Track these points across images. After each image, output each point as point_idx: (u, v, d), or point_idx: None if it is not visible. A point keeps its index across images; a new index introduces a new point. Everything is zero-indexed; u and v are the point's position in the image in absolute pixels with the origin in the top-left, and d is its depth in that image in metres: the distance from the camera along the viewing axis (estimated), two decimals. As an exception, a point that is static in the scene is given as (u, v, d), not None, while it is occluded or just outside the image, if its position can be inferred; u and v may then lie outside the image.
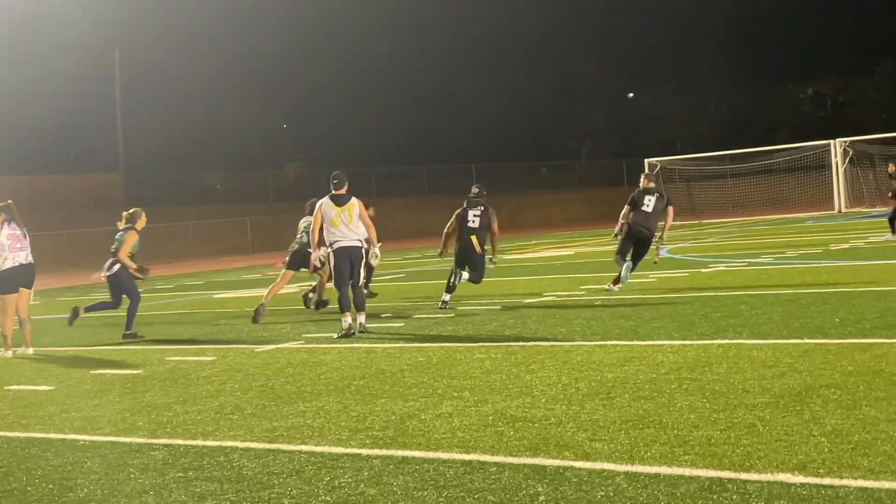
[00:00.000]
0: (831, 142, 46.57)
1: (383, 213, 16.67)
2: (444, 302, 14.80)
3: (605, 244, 32.41)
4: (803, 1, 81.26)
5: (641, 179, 16.67)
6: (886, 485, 4.84)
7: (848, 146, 46.41)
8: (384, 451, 6.23)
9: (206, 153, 66.92)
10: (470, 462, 5.84)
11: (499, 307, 14.32)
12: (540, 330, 11.50)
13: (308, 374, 9.53)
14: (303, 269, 15.70)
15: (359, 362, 10.03)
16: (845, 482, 4.93)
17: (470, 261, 15.08)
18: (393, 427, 6.88)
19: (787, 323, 10.48)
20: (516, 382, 8.20)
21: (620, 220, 16.00)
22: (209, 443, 6.85)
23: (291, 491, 5.55)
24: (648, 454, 5.70)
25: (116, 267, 14.02)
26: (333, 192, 12.70)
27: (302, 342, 12.05)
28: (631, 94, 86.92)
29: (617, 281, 15.40)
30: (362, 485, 5.55)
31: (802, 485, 4.95)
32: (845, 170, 45.71)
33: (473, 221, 15.20)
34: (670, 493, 4.98)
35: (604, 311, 12.92)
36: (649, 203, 15.82)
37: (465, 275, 15.11)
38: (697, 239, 30.80)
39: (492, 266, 15.29)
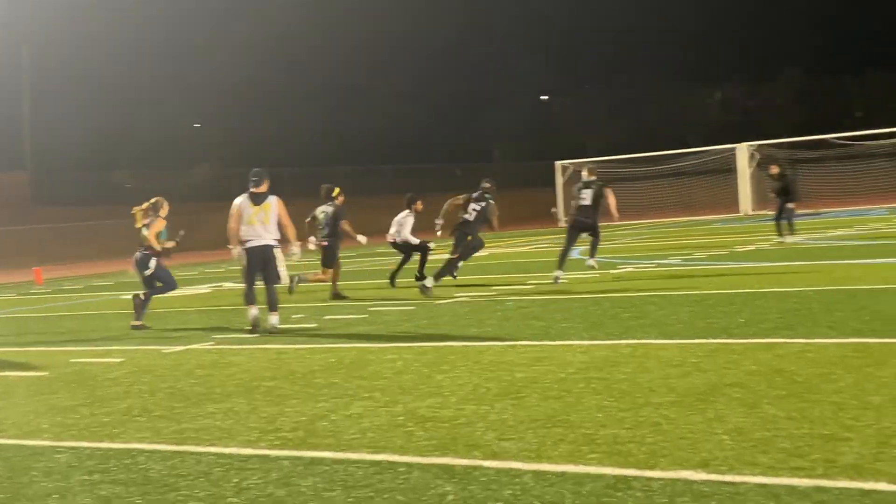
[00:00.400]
0: (738, 146, 47.48)
1: (298, 214, 16.57)
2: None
3: (518, 245, 32.65)
4: (712, 8, 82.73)
5: (584, 172, 17.98)
6: (784, 481, 4.97)
7: (754, 150, 47.37)
8: (293, 452, 6.22)
9: (115, 152, 65.90)
10: (379, 462, 5.86)
11: (412, 308, 14.35)
12: (452, 330, 11.56)
13: (218, 375, 9.46)
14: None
15: (269, 363, 9.98)
16: (745, 478, 5.05)
17: (461, 243, 16.98)
18: (303, 428, 6.87)
19: (694, 323, 10.68)
20: (427, 383, 8.24)
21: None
22: (115, 445, 6.77)
23: (198, 493, 5.51)
24: (556, 453, 5.78)
25: (153, 263, 14.29)
26: (252, 189, 12.64)
27: (212, 343, 11.95)
28: (545, 97, 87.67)
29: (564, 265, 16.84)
30: (270, 486, 5.53)
31: (704, 482, 5.06)
32: (751, 173, 46.65)
33: (471, 214, 16.91)
34: (576, 492, 5.05)
35: (515, 311, 13.02)
36: (586, 196, 17.19)
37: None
38: (608, 240, 31.16)
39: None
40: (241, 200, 12.61)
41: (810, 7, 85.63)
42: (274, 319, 12.56)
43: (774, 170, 23.74)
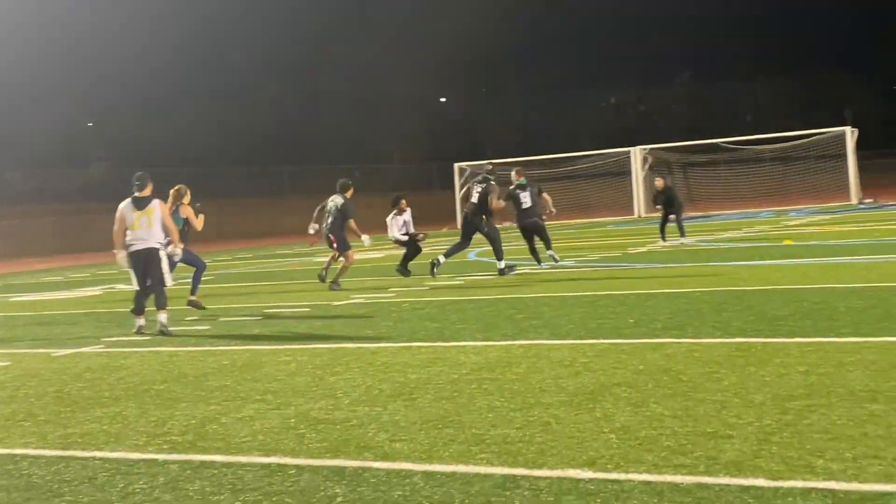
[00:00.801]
0: (632, 149, 48.25)
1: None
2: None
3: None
4: (606, 14, 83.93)
5: (513, 174, 18.98)
6: (668, 478, 5.08)
7: (647, 154, 48.19)
8: (182, 456, 6.15)
9: (6, 151, 64.20)
10: (269, 465, 5.83)
11: (307, 309, 14.28)
12: (347, 332, 11.54)
13: (107, 378, 9.29)
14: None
15: (161, 366, 9.84)
16: (631, 476, 5.15)
17: (474, 229, 17.88)
18: (192, 431, 6.79)
19: (585, 324, 10.83)
20: (320, 385, 8.21)
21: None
22: (-2, 451, 6.61)
23: (83, 498, 5.41)
24: (446, 453, 5.81)
25: (179, 250, 13.95)
26: (136, 194, 12.54)
27: (102, 346, 11.74)
28: (443, 99, 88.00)
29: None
30: (157, 490, 5.47)
31: (591, 480, 5.14)
32: (645, 176, 47.45)
33: (475, 196, 17.94)
34: (465, 491, 5.09)
35: (411, 312, 13.05)
36: (526, 199, 18.29)
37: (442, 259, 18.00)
38: (504, 242, 31.41)
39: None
40: (124, 205, 12.59)
41: (703, 13, 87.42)
42: (163, 317, 12.47)
43: (660, 183, 24.47)
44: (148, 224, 12.45)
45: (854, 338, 8.78)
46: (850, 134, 44.40)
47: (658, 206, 24.39)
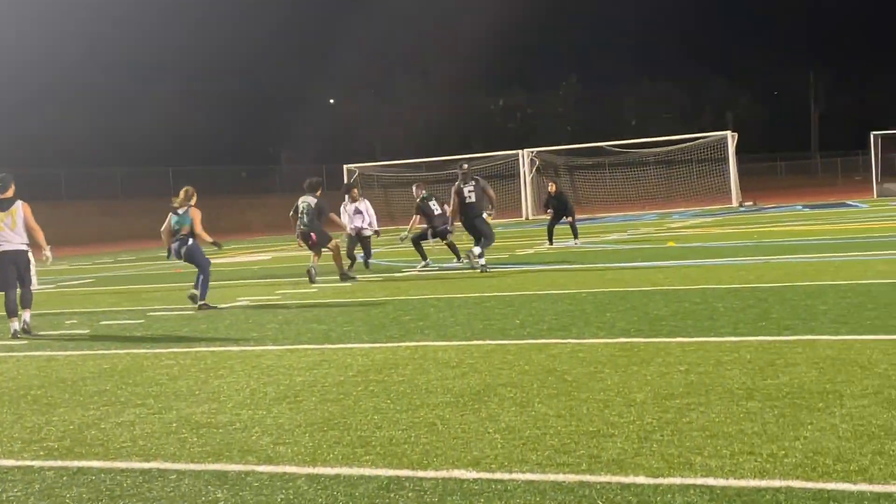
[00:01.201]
0: (520, 152, 48.70)
1: (77, 214, 16.07)
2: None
3: (305, 248, 32.38)
4: (495, 17, 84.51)
5: (414, 189, 19.73)
6: (551, 477, 5.12)
7: (535, 156, 48.68)
8: (59, 463, 5.99)
9: None
10: (149, 470, 5.71)
11: (191, 312, 14.06)
12: (232, 335, 11.39)
13: (-19, 384, 9.00)
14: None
15: (38, 371, 9.58)
16: (514, 476, 5.17)
17: (477, 230, 18.00)
18: (70, 437, 6.62)
19: (472, 325, 10.88)
20: (203, 388, 8.09)
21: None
22: None
23: (-46, 508, 5.23)
24: (331, 456, 5.77)
25: (190, 241, 14.64)
26: None
27: (-24, 351, 11.37)
28: (332, 101, 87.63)
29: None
30: (32, 498, 5.31)
31: (475, 480, 5.16)
32: (532, 179, 47.92)
33: (470, 197, 18.04)
34: (349, 494, 5.06)
35: (298, 315, 12.95)
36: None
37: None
38: (392, 244, 31.38)
39: (491, 216, 18.45)
40: None
41: (589, 18, 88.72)
42: (27, 316, 12.58)
43: (552, 187, 24.87)
44: (12, 225, 12.47)
45: (732, 337, 8.98)
46: (731, 138, 45.50)
47: (549, 210, 24.65)
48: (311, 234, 17.80)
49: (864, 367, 7.26)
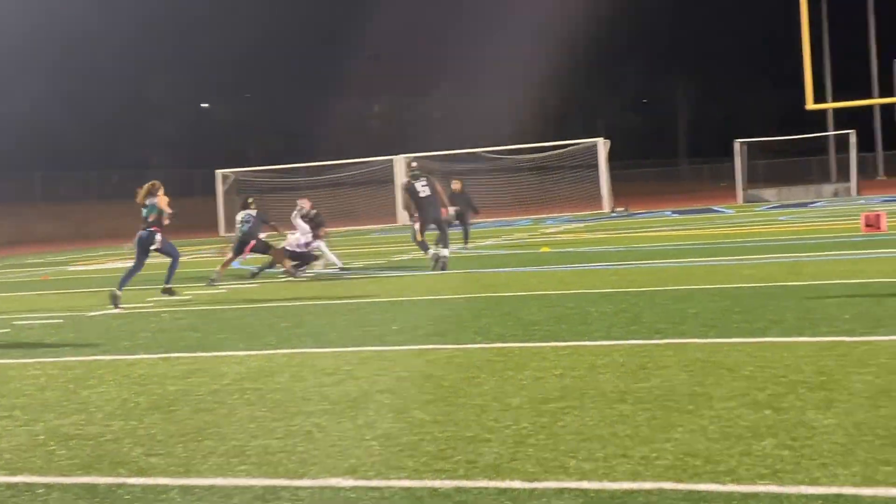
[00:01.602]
0: (395, 158, 48.74)
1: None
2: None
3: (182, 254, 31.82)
4: (368, 23, 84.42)
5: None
6: (428, 483, 5.12)
7: (411, 162, 48.76)
8: (-81, 479, 5.76)
9: None
10: (16, 485, 5.54)
11: (60, 320, 13.69)
12: (102, 343, 11.12)
13: None
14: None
15: None
16: (391, 483, 5.17)
17: (441, 223, 18.51)
18: (-69, 452, 6.38)
19: (349, 331, 10.84)
20: (72, 399, 7.87)
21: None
22: None
23: None
24: (205, 466, 5.68)
25: (159, 237, 15.58)
26: None
27: None
28: (205, 104, 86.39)
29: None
30: None
31: (352, 488, 5.13)
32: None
33: (423, 191, 18.32)
34: (224, 504, 4.99)
35: (171, 323, 12.72)
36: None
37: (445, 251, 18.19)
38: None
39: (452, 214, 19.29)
40: None
41: (461, 24, 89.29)
42: None
43: (457, 186, 25.08)
44: None
45: (605, 341, 9.14)
46: (603, 145, 46.34)
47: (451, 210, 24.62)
48: (251, 242, 18.68)
49: (732, 369, 7.46)
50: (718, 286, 13.06)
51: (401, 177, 47.88)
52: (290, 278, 18.36)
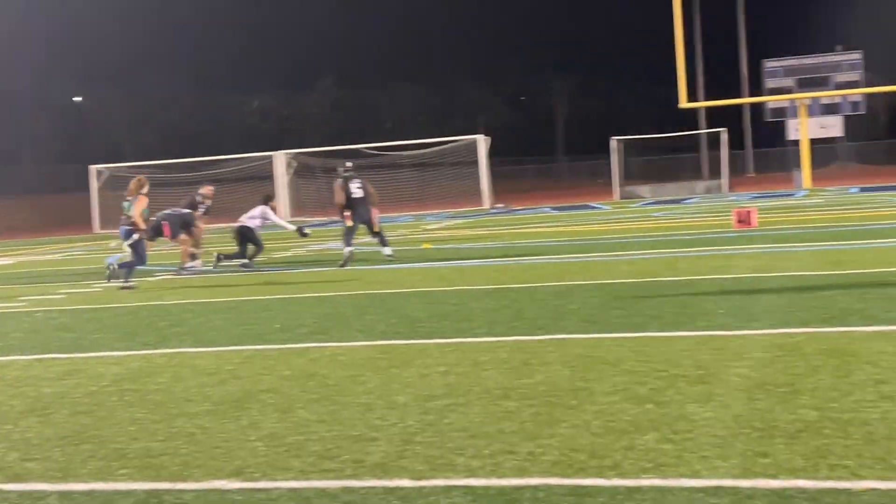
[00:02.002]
0: (275, 153, 48.31)
1: None
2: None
3: (50, 252, 31.07)
4: (249, 16, 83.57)
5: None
6: (315, 483, 5.09)
7: (292, 158, 48.39)
8: None
9: None
10: None
11: (-75, 322, 13.19)
12: (-28, 345, 10.75)
13: None
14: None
15: None
16: (278, 484, 5.11)
17: (368, 222, 18.88)
18: None
19: (229, 330, 10.69)
20: (-58, 403, 7.60)
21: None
22: None
23: None
24: (84, 471, 5.54)
25: (136, 236, 16.07)
26: None
27: None
28: (78, 98, 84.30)
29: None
30: None
31: (238, 490, 5.06)
32: (289, 181, 47.64)
33: (357, 192, 18.66)
34: (105, 510, 4.87)
35: (44, 322, 12.38)
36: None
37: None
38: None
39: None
40: None
41: (344, 19, 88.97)
42: None
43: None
44: None
45: (489, 337, 9.20)
46: (483, 142, 46.66)
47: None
48: (164, 223, 18.71)
49: (613, 364, 7.58)
50: (597, 282, 13.26)
51: (281, 172, 47.51)
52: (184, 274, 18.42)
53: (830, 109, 59.99)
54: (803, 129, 49.79)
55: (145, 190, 16.41)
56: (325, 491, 4.97)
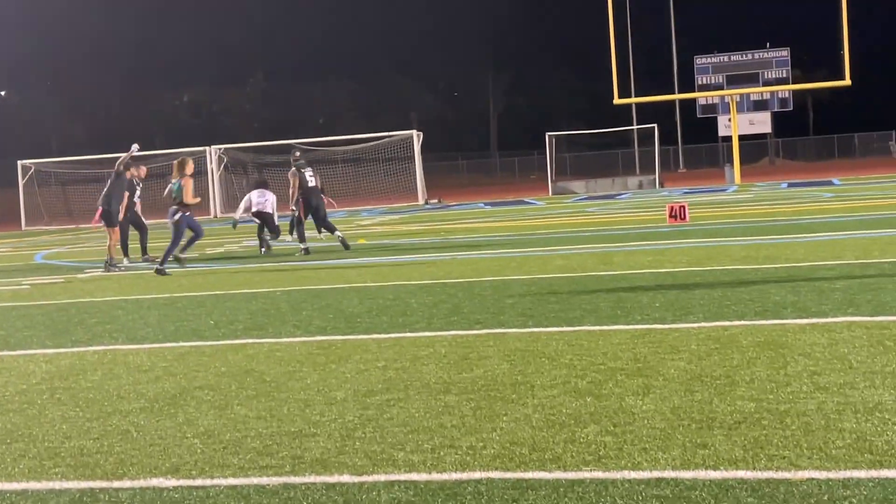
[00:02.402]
0: (206, 148, 47.83)
1: None
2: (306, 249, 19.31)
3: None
4: (182, 10, 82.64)
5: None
6: (254, 480, 5.02)
7: (222, 153, 47.94)
8: None
9: None
10: None
11: None
12: None
13: None
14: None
15: None
16: (217, 481, 5.04)
17: (320, 208, 19.73)
18: None
19: (163, 327, 10.54)
20: None
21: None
22: None
23: None
24: (16, 470, 5.42)
25: (178, 215, 16.70)
26: None
27: None
28: (2, 93, 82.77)
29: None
30: None
31: (175, 488, 4.98)
32: (220, 176, 47.20)
33: (311, 181, 19.59)
34: (39, 510, 4.76)
35: (-30, 320, 12.10)
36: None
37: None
38: (73, 244, 30.09)
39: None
40: None
41: (274, 14, 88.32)
42: None
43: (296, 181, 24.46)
44: None
45: (427, 332, 9.17)
46: (417, 137, 46.62)
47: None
48: (99, 208, 18.66)
49: (552, 357, 7.59)
50: (533, 276, 13.29)
51: (213, 167, 47.05)
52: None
53: (760, 106, 60.98)
54: (734, 126, 50.46)
55: (187, 170, 16.88)
56: (264, 488, 4.91)
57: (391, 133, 49.78)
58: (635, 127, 66.55)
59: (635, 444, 5.23)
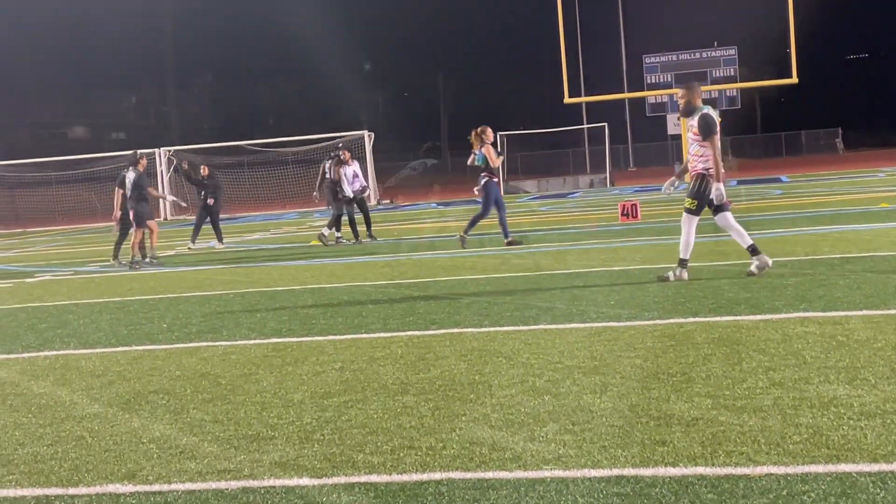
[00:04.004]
0: (156, 150, 47.41)
1: None
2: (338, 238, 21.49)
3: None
4: (126, 11, 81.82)
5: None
6: (213, 485, 4.97)
7: (172, 155, 47.54)
8: None
9: None
10: None
11: None
12: None
13: None
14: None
15: None
16: (174, 487, 4.99)
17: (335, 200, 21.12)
18: None
19: (116, 331, 10.42)
20: None
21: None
22: None
23: None
24: (-32, 479, 5.32)
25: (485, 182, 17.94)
26: None
27: None
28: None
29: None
30: None
31: (132, 494, 4.93)
32: (169, 178, 46.81)
33: (330, 172, 21.43)
34: (-7, 519, 4.68)
35: (-83, 327, 11.89)
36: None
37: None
38: (21, 248, 29.71)
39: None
40: None
41: (221, 14, 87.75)
42: None
43: (206, 171, 24.15)
44: None
45: (383, 333, 9.14)
46: (368, 138, 46.52)
47: (202, 198, 23.65)
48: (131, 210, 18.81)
49: (509, 357, 7.59)
50: (488, 276, 13.30)
51: (163, 171, 46.65)
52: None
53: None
54: (683, 124, 50.81)
55: (488, 139, 18.09)
56: (223, 492, 4.86)
57: (342, 134, 49.60)
58: (586, 126, 66.80)
59: (594, 443, 5.24)
